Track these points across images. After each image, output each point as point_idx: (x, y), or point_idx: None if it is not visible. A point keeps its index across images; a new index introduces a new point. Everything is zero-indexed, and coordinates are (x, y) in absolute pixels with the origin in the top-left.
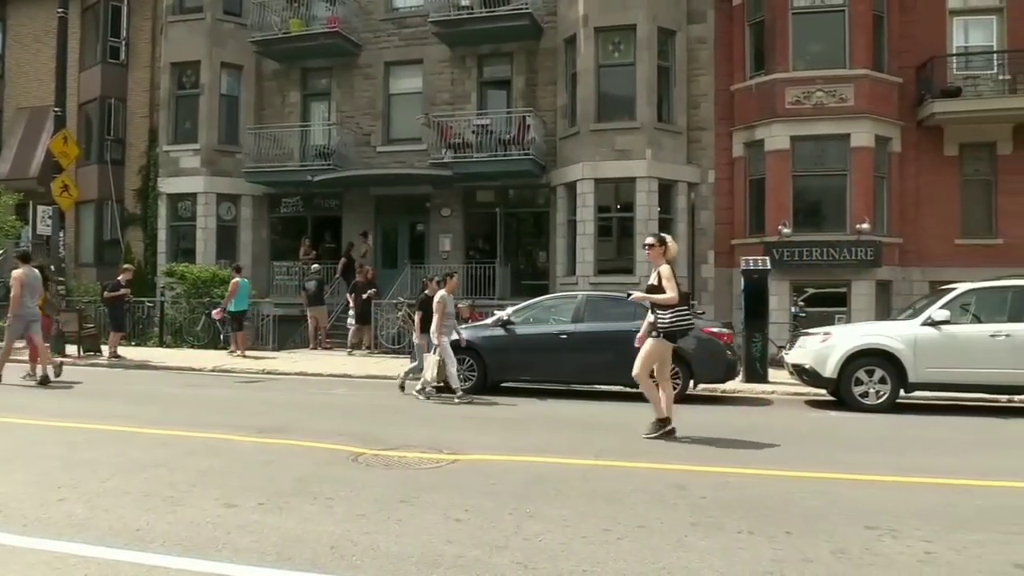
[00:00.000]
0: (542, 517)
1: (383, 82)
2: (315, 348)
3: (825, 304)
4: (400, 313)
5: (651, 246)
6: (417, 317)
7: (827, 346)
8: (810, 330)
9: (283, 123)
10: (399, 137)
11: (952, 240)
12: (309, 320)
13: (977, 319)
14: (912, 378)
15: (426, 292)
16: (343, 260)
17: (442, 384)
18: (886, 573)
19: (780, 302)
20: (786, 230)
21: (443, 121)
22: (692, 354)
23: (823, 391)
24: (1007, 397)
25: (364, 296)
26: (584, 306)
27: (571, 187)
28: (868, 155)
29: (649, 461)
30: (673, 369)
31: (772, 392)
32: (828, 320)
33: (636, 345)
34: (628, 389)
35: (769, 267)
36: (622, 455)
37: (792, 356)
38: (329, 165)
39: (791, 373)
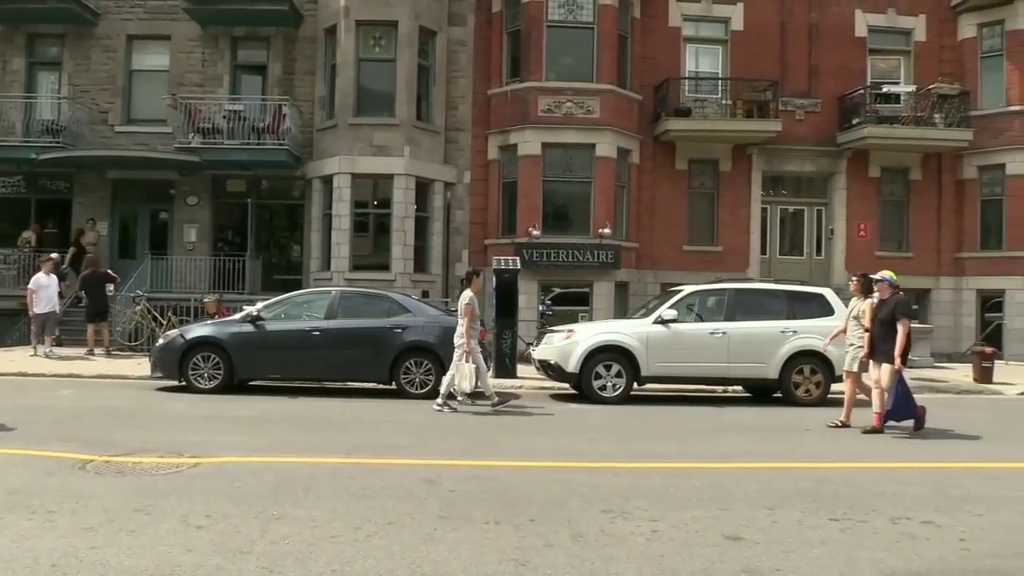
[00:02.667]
0: (290, 518)
1: (124, 56)
2: (40, 346)
3: (570, 303)
4: (139, 307)
5: None
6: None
7: (570, 343)
8: (555, 327)
9: (3, 92)
10: (141, 117)
11: (681, 246)
12: None
13: (700, 318)
14: (644, 372)
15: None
16: (72, 249)
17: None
18: (619, 552)
19: (529, 300)
20: (536, 232)
21: (192, 103)
22: (444, 350)
23: (567, 385)
24: (723, 388)
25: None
26: (338, 302)
27: (327, 181)
28: (610, 165)
29: (400, 457)
30: (425, 365)
31: (520, 386)
32: (572, 318)
33: None
34: (382, 386)
35: (519, 267)
36: (374, 452)
37: (539, 352)
38: (58, 143)
39: (538, 368)
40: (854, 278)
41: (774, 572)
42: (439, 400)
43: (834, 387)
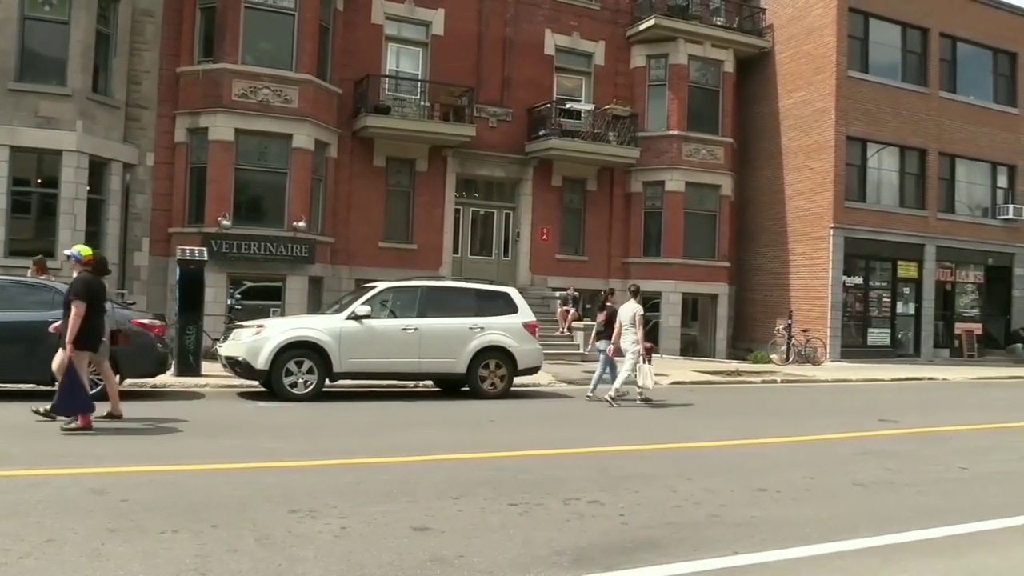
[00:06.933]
0: None
1: None
2: None
3: (261, 297)
4: None
5: None
6: (616, 327)
7: (260, 338)
8: (244, 323)
9: None
10: None
11: (376, 243)
12: None
13: (393, 314)
14: (337, 368)
15: (608, 304)
16: None
17: None
18: (306, 552)
19: (217, 294)
20: (226, 222)
21: None
22: (119, 347)
23: (256, 382)
24: (415, 383)
25: None
26: None
27: None
28: (307, 157)
29: (62, 466)
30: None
31: (205, 385)
32: (264, 313)
33: (51, 330)
34: (41, 387)
35: (207, 258)
36: (28, 462)
37: (225, 349)
38: None
39: (224, 366)
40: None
41: (458, 558)
42: (639, 397)
43: (516, 380)
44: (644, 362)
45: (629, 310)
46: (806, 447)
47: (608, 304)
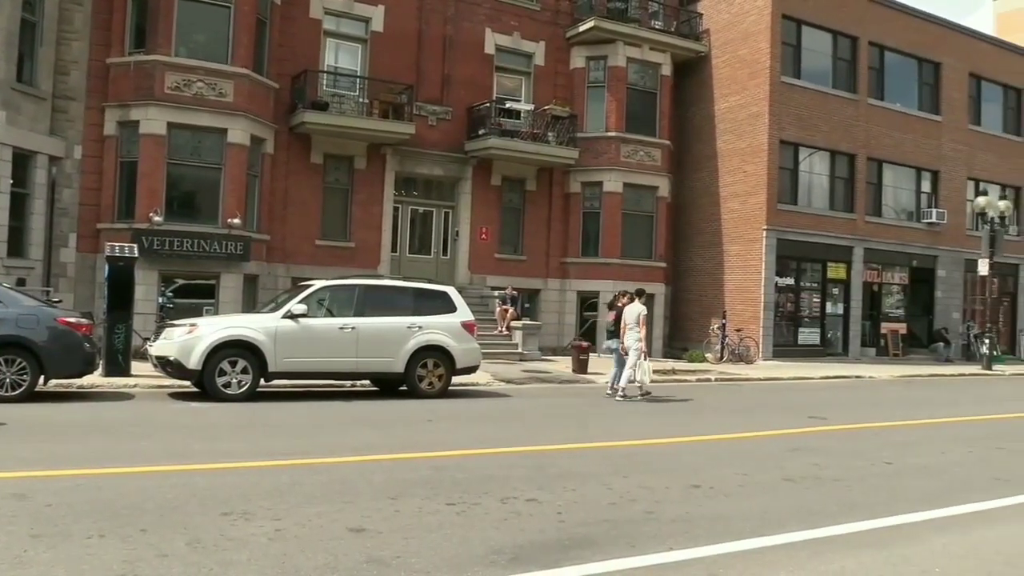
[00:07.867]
0: None
1: None
2: None
3: (194, 295)
4: None
5: None
6: (623, 327)
7: (193, 337)
8: (176, 321)
9: None
10: None
11: (314, 240)
12: None
13: (330, 313)
14: (272, 367)
15: (619, 305)
16: None
17: None
18: (239, 556)
19: (147, 292)
20: (157, 218)
21: None
22: (43, 346)
23: (188, 383)
24: (351, 383)
25: None
26: None
27: None
28: (243, 153)
29: None
30: (19, 364)
31: (135, 385)
32: (196, 311)
33: None
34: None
35: (137, 255)
36: None
37: (156, 348)
38: None
39: (155, 366)
40: None
41: (395, 559)
42: (619, 394)
43: (454, 379)
44: (644, 359)
45: (634, 310)
46: (738, 444)
47: (619, 306)
